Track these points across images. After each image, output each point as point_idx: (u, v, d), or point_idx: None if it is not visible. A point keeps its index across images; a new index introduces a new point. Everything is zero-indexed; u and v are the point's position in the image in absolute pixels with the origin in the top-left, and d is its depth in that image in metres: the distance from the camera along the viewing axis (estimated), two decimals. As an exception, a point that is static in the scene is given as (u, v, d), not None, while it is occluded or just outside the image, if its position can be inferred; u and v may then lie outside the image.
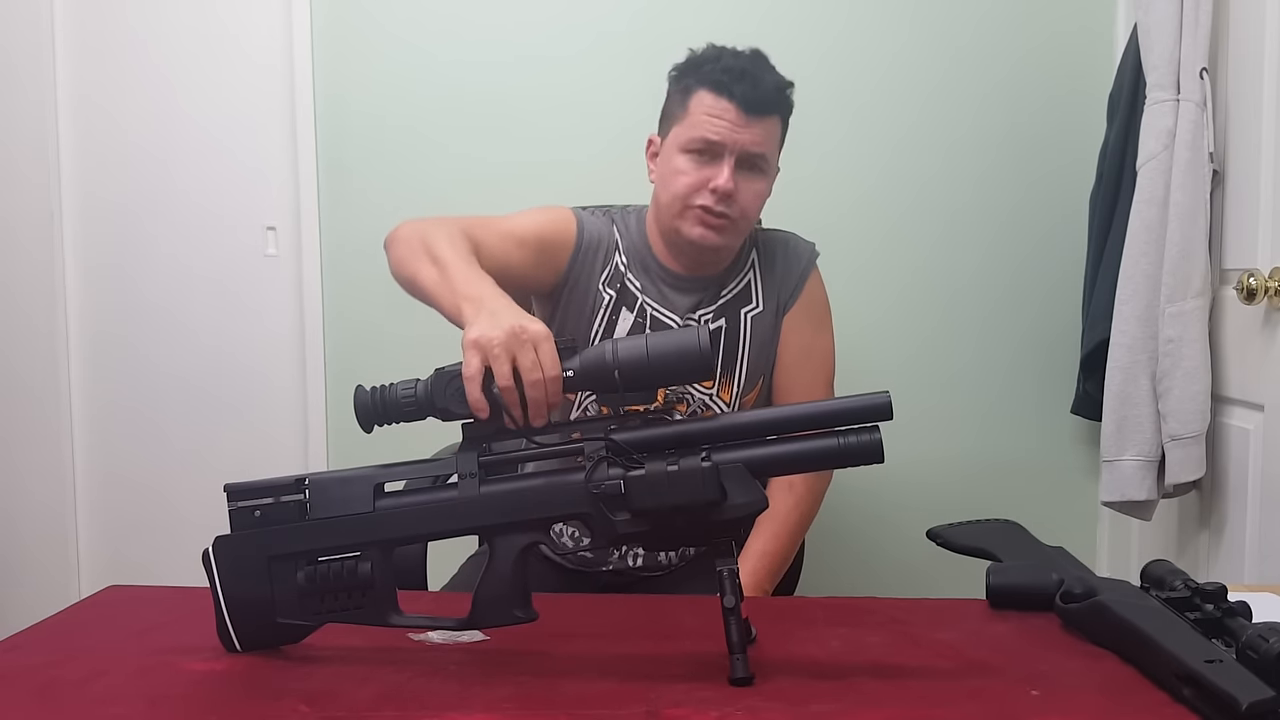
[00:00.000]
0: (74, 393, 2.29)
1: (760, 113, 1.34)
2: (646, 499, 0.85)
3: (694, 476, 0.85)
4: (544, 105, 2.17)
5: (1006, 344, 2.18)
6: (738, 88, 1.31)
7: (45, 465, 2.29)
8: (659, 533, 0.87)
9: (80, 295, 2.28)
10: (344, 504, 0.90)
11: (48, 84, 2.22)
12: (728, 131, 1.32)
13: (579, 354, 0.92)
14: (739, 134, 1.33)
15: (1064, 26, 2.13)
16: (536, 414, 0.91)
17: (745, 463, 0.86)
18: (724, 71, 1.32)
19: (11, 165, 2.24)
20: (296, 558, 0.91)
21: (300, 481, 0.92)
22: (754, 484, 0.86)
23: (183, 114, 2.24)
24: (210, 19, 2.22)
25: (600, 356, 0.90)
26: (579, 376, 0.91)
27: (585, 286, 1.42)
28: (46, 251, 2.25)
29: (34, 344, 2.26)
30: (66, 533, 2.30)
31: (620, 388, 0.89)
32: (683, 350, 0.88)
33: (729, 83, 1.32)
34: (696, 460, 0.85)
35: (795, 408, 0.91)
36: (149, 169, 2.26)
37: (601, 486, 0.86)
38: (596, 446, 0.89)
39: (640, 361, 0.88)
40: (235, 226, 2.25)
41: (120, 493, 2.31)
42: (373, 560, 0.90)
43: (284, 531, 0.91)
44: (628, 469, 0.86)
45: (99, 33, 2.24)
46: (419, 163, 2.20)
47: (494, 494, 0.89)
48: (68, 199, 2.27)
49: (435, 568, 1.48)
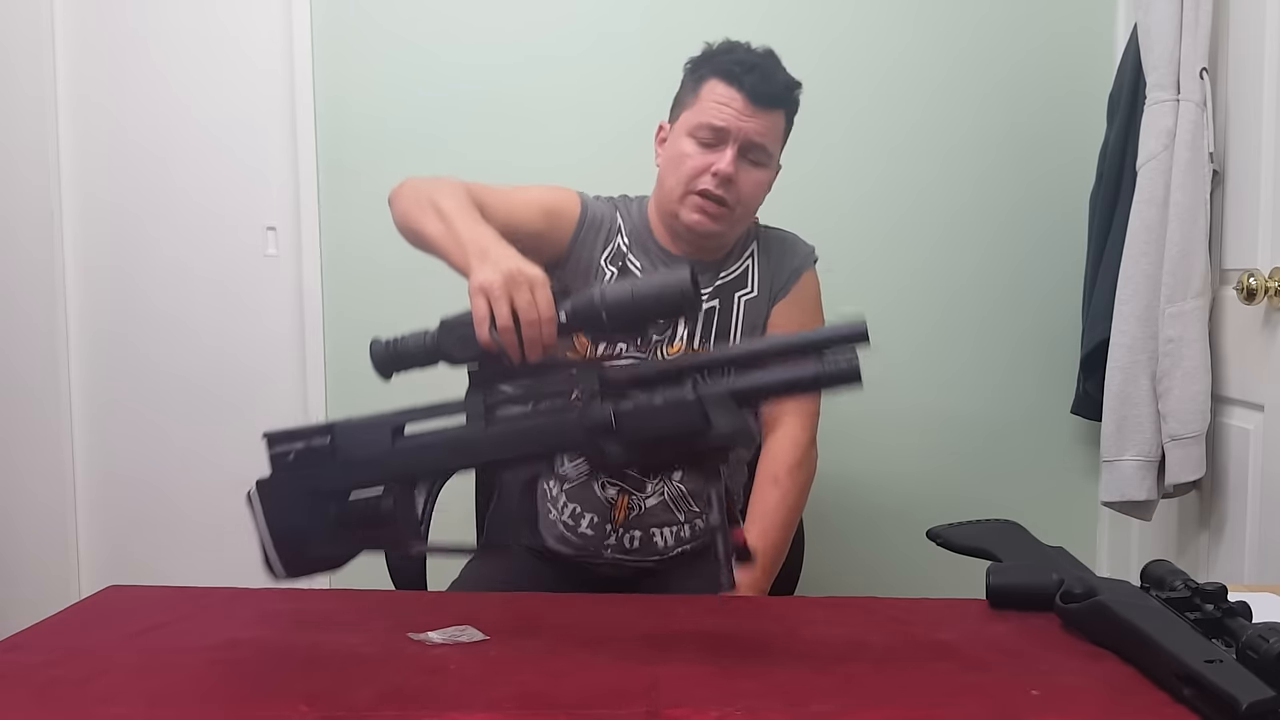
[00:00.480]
0: (74, 393, 2.29)
1: (767, 105, 1.39)
2: (636, 430, 0.90)
3: (680, 408, 0.89)
4: (544, 106, 2.18)
5: (1006, 344, 2.18)
6: (748, 78, 1.37)
7: (45, 465, 2.29)
8: (649, 460, 0.93)
9: (80, 295, 2.28)
10: (366, 447, 0.97)
11: (48, 84, 2.22)
12: (733, 119, 1.38)
13: (570, 298, 0.98)
14: (744, 122, 1.38)
15: (1064, 27, 2.13)
16: (532, 352, 0.97)
17: (731, 392, 0.89)
18: (737, 63, 1.38)
19: (11, 165, 2.24)
20: (328, 495, 0.97)
21: (328, 428, 0.99)
22: (738, 411, 0.90)
23: (183, 114, 2.24)
24: (210, 19, 2.22)
25: (589, 299, 0.96)
26: (571, 319, 0.97)
27: (588, 262, 1.46)
28: (47, 252, 2.24)
29: (34, 344, 2.26)
30: (66, 533, 2.30)
31: (608, 328, 0.95)
32: (665, 287, 0.94)
33: (740, 73, 1.37)
34: (681, 392, 0.89)
35: (777, 337, 0.97)
36: (149, 169, 2.26)
37: (593, 420, 0.91)
38: (591, 383, 0.93)
39: (625, 301, 0.94)
40: (235, 226, 2.25)
41: (120, 492, 2.31)
42: (395, 495, 0.95)
43: (315, 472, 0.97)
44: (617, 403, 0.91)
45: (99, 33, 2.24)
46: (419, 163, 2.19)
47: (499, 432, 0.95)
48: (68, 199, 2.27)
49: (435, 574, 1.48)
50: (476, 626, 0.96)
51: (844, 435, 2.12)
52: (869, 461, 2.19)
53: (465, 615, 0.99)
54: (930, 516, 1.25)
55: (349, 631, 0.94)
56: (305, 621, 1.01)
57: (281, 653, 0.94)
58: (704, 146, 1.39)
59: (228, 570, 2.26)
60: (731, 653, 0.92)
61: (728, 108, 1.37)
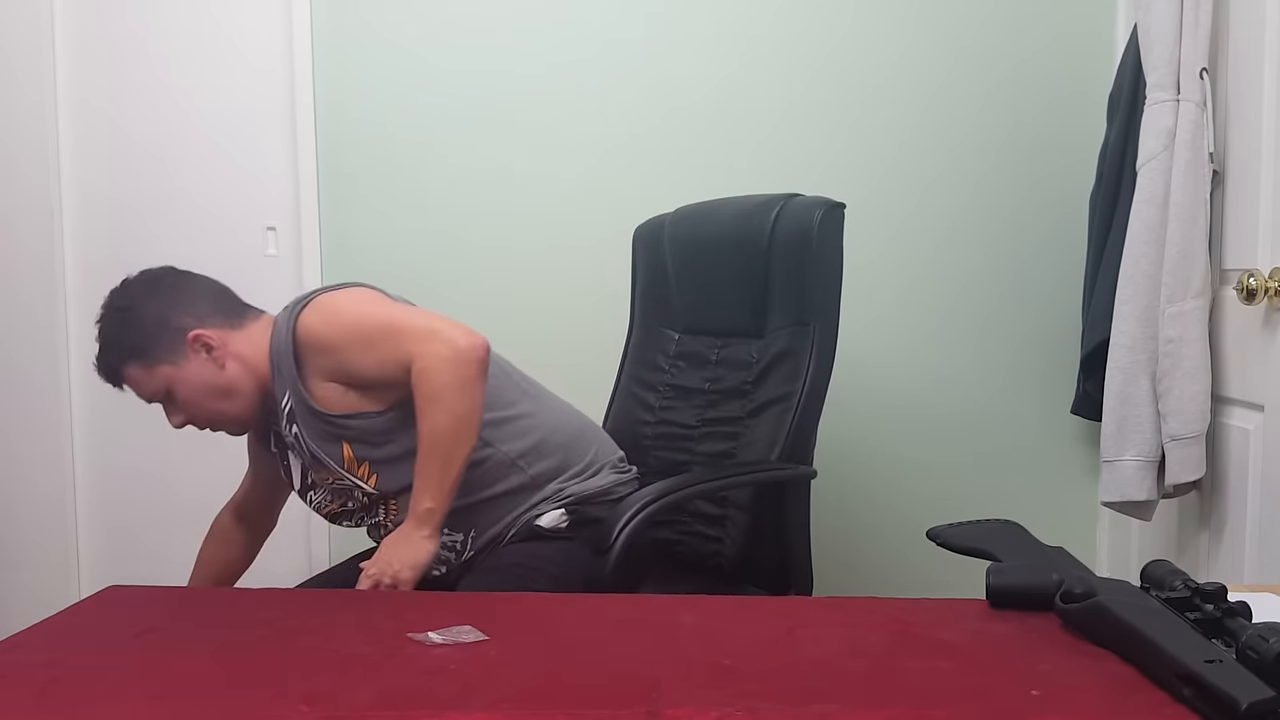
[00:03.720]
0: (74, 393, 2.29)
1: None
2: None
3: None
4: (543, 112, 2.18)
5: (1006, 344, 2.18)
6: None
7: (46, 464, 2.29)
8: None
9: (81, 293, 2.28)
10: None
11: (48, 85, 2.22)
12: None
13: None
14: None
15: (1064, 28, 2.13)
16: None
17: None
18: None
19: (12, 166, 2.24)
20: None
21: None
22: None
23: (183, 116, 2.24)
24: (210, 22, 2.22)
25: None
26: None
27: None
28: (47, 250, 2.25)
29: (35, 342, 2.26)
30: (66, 532, 2.30)
31: None
32: None
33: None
34: None
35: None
36: (149, 169, 2.26)
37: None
38: None
39: None
40: (235, 227, 2.25)
41: (121, 492, 2.31)
42: None
43: None
44: None
45: (99, 35, 2.24)
46: (418, 163, 2.21)
47: None
48: (68, 199, 2.27)
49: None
50: (476, 626, 0.96)
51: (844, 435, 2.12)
52: (869, 461, 2.19)
53: (465, 615, 0.99)
54: (930, 516, 1.25)
55: (349, 631, 0.94)
56: (305, 622, 1.01)
57: (281, 653, 0.94)
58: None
59: (228, 570, 2.27)
60: (731, 653, 0.92)
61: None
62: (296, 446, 1.49)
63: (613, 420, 1.90)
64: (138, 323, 1.44)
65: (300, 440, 1.46)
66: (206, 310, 1.48)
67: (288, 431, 1.47)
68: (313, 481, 1.54)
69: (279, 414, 1.47)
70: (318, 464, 1.48)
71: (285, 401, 1.45)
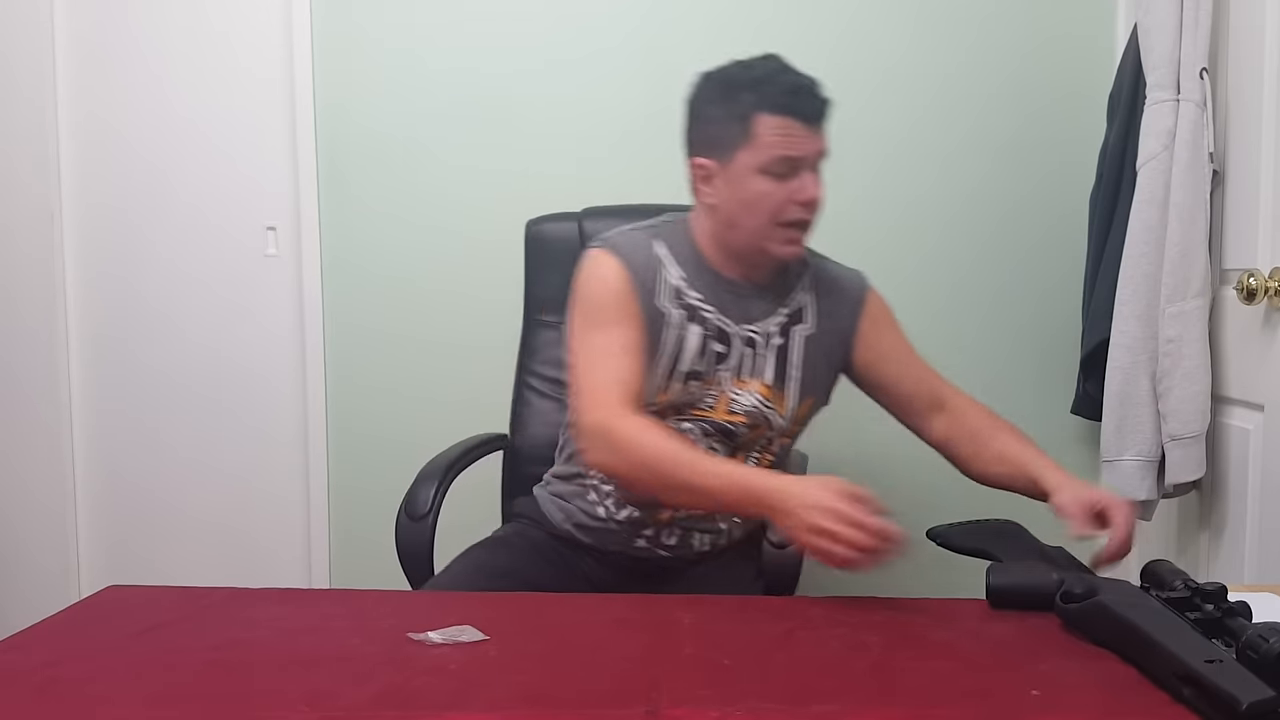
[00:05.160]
0: (74, 394, 2.29)
1: (819, 122, 1.41)
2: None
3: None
4: (542, 112, 2.18)
5: (1006, 344, 2.18)
6: (798, 105, 1.37)
7: (46, 466, 2.29)
8: None
9: (80, 296, 2.28)
10: None
11: (48, 87, 2.22)
12: (803, 145, 1.38)
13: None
14: (812, 145, 1.39)
15: (1064, 28, 2.13)
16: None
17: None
18: (781, 93, 1.38)
19: (11, 167, 2.24)
20: None
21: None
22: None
23: (182, 117, 2.24)
24: (210, 24, 2.22)
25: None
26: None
27: (648, 312, 1.43)
28: (46, 254, 2.25)
29: (34, 345, 2.26)
30: (66, 533, 2.30)
31: None
32: None
33: (790, 103, 1.37)
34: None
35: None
36: (149, 171, 2.26)
37: None
38: None
39: None
40: (235, 228, 2.25)
41: (120, 493, 2.31)
42: None
43: None
44: None
45: (99, 38, 2.24)
46: (418, 163, 2.21)
47: None
48: (67, 201, 2.27)
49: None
50: (476, 626, 0.96)
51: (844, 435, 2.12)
52: (869, 461, 2.19)
53: (465, 615, 0.99)
54: (930, 516, 1.25)
55: (349, 631, 0.94)
56: (305, 621, 1.01)
57: (281, 653, 0.94)
58: (778, 179, 1.38)
59: (228, 570, 2.28)
60: (731, 653, 0.92)
61: (793, 137, 1.37)
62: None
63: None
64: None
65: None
66: None
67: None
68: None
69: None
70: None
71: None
